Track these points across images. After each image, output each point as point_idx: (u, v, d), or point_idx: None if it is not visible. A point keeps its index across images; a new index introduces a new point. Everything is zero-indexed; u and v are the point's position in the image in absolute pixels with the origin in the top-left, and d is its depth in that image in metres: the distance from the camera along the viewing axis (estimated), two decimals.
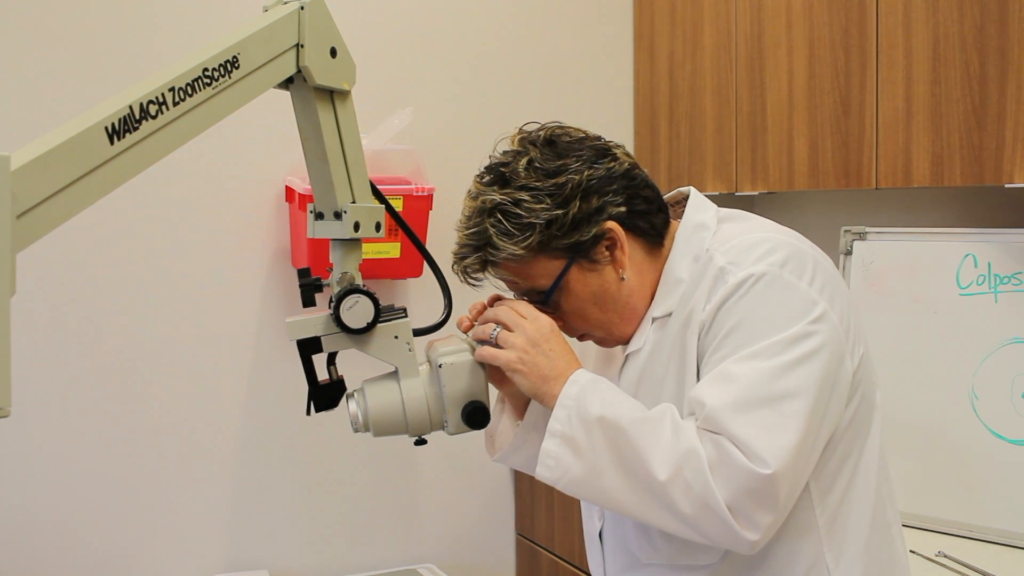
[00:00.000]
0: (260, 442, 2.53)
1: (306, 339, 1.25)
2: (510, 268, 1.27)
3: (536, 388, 1.23)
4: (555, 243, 1.24)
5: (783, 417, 1.12)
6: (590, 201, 1.24)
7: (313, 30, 1.18)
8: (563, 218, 1.23)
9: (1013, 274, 2.01)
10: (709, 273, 1.23)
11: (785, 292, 1.18)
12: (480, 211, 1.26)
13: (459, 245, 1.29)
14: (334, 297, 1.25)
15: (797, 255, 1.21)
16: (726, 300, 1.19)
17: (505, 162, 1.28)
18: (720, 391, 1.13)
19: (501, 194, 1.24)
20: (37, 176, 0.86)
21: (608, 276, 1.27)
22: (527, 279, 1.27)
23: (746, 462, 1.10)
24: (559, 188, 1.24)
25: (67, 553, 2.35)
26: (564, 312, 1.29)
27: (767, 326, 1.16)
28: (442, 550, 2.74)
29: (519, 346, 1.23)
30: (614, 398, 1.20)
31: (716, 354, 1.18)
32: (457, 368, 1.27)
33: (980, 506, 2.02)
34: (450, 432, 1.29)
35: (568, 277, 1.26)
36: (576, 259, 1.25)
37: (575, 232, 1.24)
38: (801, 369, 1.14)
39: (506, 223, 1.23)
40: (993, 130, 1.90)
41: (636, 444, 1.15)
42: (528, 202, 1.23)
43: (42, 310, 2.31)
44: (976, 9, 1.91)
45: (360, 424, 1.28)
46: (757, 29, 2.43)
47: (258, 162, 2.48)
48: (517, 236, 1.23)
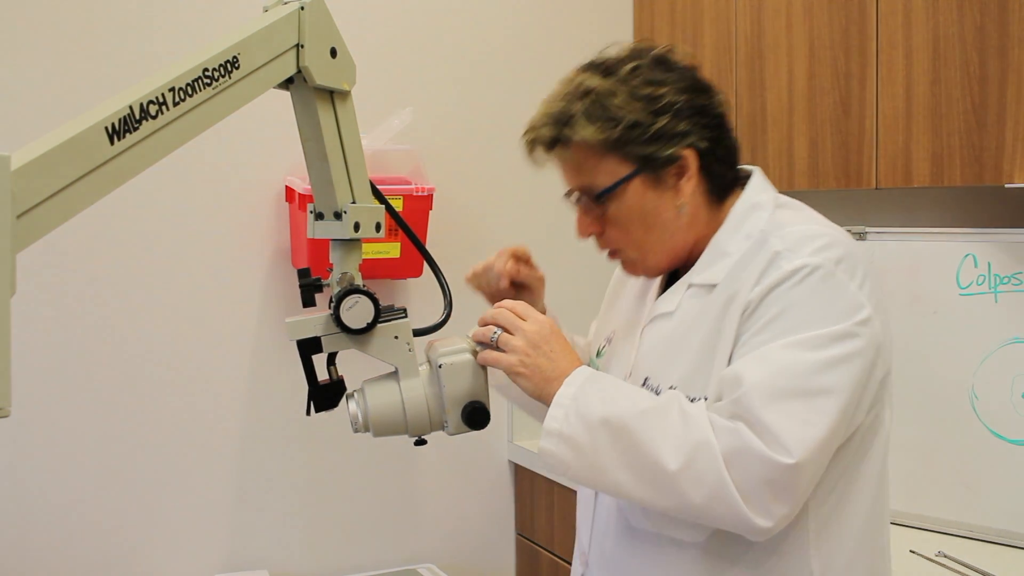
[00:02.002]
0: (260, 442, 2.53)
1: (306, 339, 1.25)
2: (578, 156, 1.28)
3: (539, 390, 1.23)
4: (631, 147, 1.25)
5: (815, 412, 1.13)
6: (679, 122, 1.25)
7: (313, 30, 1.18)
8: (648, 126, 1.24)
9: (1013, 274, 2.01)
10: (762, 255, 1.23)
11: (836, 289, 1.18)
12: (574, 90, 1.28)
13: (540, 115, 1.30)
14: (334, 297, 1.25)
15: (851, 256, 1.22)
16: (778, 285, 1.19)
17: (611, 59, 1.30)
18: (760, 372, 1.13)
19: (604, 82, 1.26)
20: (37, 176, 0.86)
21: (666, 201, 1.28)
22: (588, 174, 1.28)
23: (767, 452, 1.10)
24: (655, 99, 1.25)
25: (67, 553, 2.35)
26: (608, 219, 1.29)
27: (814, 318, 1.16)
28: (442, 550, 2.74)
29: (520, 349, 1.23)
30: (614, 393, 1.20)
31: (758, 336, 1.18)
32: (457, 368, 1.27)
33: (980, 506, 2.02)
34: (450, 432, 1.29)
35: (629, 185, 1.27)
36: (644, 171, 1.26)
37: (654, 144, 1.25)
38: (841, 368, 1.15)
39: (595, 109, 1.25)
40: (993, 130, 1.90)
41: (643, 438, 1.15)
42: (622, 98, 1.25)
43: (42, 310, 2.31)
44: (976, 9, 1.91)
45: (360, 424, 1.28)
46: (757, 29, 2.43)
47: (258, 162, 2.48)
48: (600, 124, 1.24)
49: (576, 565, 1.46)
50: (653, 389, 1.27)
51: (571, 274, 2.84)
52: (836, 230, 1.28)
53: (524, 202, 2.79)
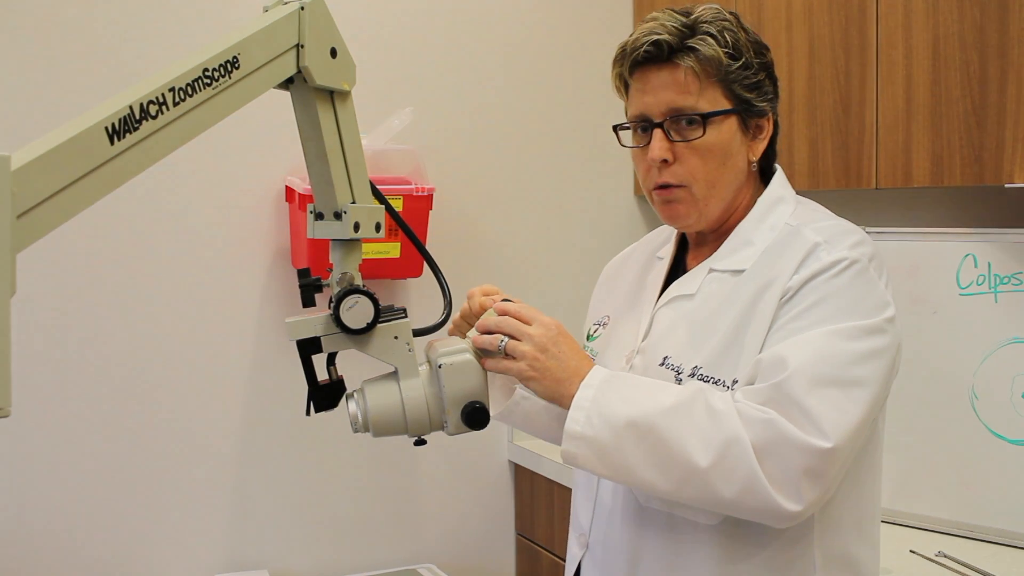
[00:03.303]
0: (260, 442, 2.53)
1: (306, 339, 1.25)
2: (689, 75, 1.29)
3: (551, 391, 1.23)
4: (736, 86, 1.31)
5: (851, 401, 1.15)
6: (769, 83, 1.36)
7: (313, 30, 1.18)
8: (755, 74, 1.33)
9: (1013, 274, 2.01)
10: (799, 244, 1.26)
11: (869, 285, 1.23)
12: (701, 13, 1.32)
13: (658, 26, 1.31)
14: (334, 297, 1.25)
15: (879, 255, 1.28)
16: (819, 275, 1.22)
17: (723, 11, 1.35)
18: (803, 356, 1.15)
19: (726, 17, 1.33)
20: (37, 176, 0.86)
21: (744, 149, 1.34)
22: (693, 96, 1.30)
23: (804, 438, 1.12)
24: (762, 52, 1.35)
25: (67, 553, 2.35)
26: (693, 147, 1.31)
27: (851, 309, 1.20)
28: (442, 550, 2.74)
29: (529, 355, 1.23)
30: (634, 392, 1.20)
31: (796, 322, 1.20)
32: (457, 368, 1.26)
33: (980, 506, 2.02)
34: (450, 432, 1.29)
35: (727, 119, 1.31)
36: (739, 112, 1.32)
37: (753, 91, 1.32)
38: (873, 361, 1.19)
39: (724, 36, 1.30)
40: (993, 130, 1.90)
41: (670, 435, 1.15)
42: (745, 37, 1.33)
43: (42, 310, 2.31)
44: (976, 9, 1.91)
45: (360, 424, 1.28)
46: (757, 29, 2.41)
47: (258, 162, 2.48)
48: (728, 49, 1.30)
49: (573, 547, 1.44)
50: (674, 368, 1.27)
51: (571, 274, 2.84)
52: (857, 228, 1.32)
53: (524, 202, 2.79)
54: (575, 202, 2.84)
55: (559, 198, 2.83)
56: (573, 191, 2.83)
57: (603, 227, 2.89)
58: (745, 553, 1.24)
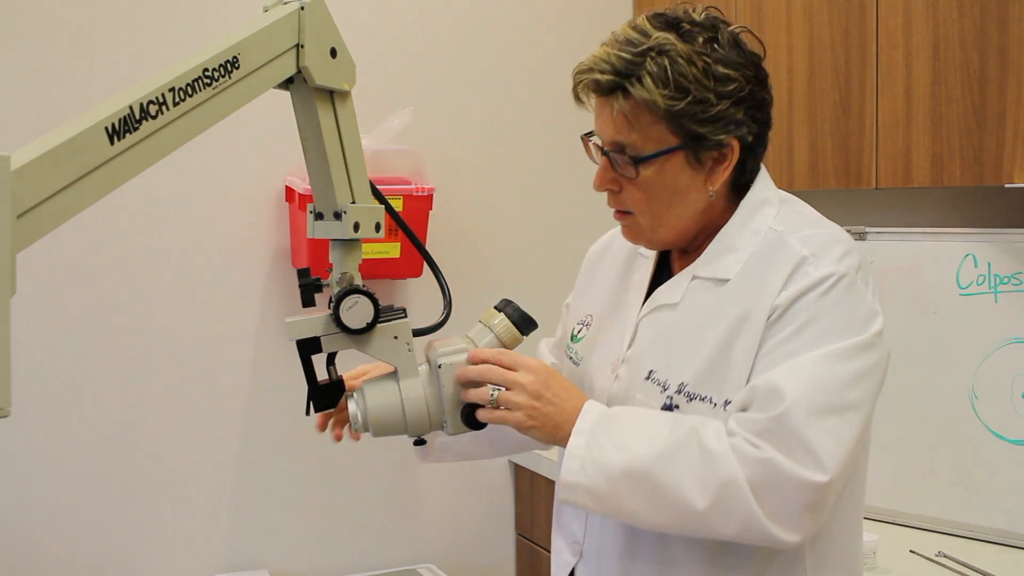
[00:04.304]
0: (260, 442, 2.53)
1: (306, 339, 1.25)
2: (631, 112, 1.22)
3: (551, 437, 1.23)
4: (686, 122, 1.21)
5: (846, 427, 1.14)
6: (737, 111, 1.23)
7: (313, 30, 1.18)
8: (710, 107, 1.21)
9: (1013, 274, 2.01)
10: (785, 257, 1.22)
11: (858, 299, 1.20)
12: (650, 45, 1.21)
13: (600, 59, 1.24)
14: (334, 297, 1.25)
15: (864, 263, 1.24)
16: (807, 292, 1.19)
17: (685, 19, 1.25)
18: (799, 386, 1.13)
19: (680, 44, 1.21)
20: (37, 176, 0.86)
21: (698, 182, 1.26)
22: (634, 134, 1.23)
23: (803, 474, 1.11)
24: (724, 80, 1.22)
25: (67, 553, 2.35)
26: (634, 183, 1.26)
27: (841, 328, 1.17)
28: (442, 550, 2.74)
29: (525, 405, 1.21)
30: (627, 434, 1.19)
31: (788, 344, 1.17)
32: (456, 368, 1.26)
33: (980, 506, 2.02)
34: (449, 432, 1.29)
35: (672, 157, 1.24)
36: (689, 147, 1.23)
37: (709, 125, 1.22)
38: (865, 381, 1.17)
39: (669, 72, 1.20)
40: (993, 130, 1.90)
41: (666, 481, 1.15)
42: (695, 70, 1.20)
43: (42, 310, 2.31)
44: (976, 9, 1.91)
45: (360, 424, 1.28)
46: (757, 29, 2.41)
47: (258, 162, 2.48)
48: (669, 91, 1.20)
49: (563, 553, 1.41)
50: (660, 384, 1.26)
51: (571, 274, 2.83)
52: (843, 231, 1.29)
53: (524, 202, 2.79)
54: (575, 202, 2.84)
55: (559, 198, 2.83)
56: (573, 191, 2.83)
57: (603, 228, 2.88)
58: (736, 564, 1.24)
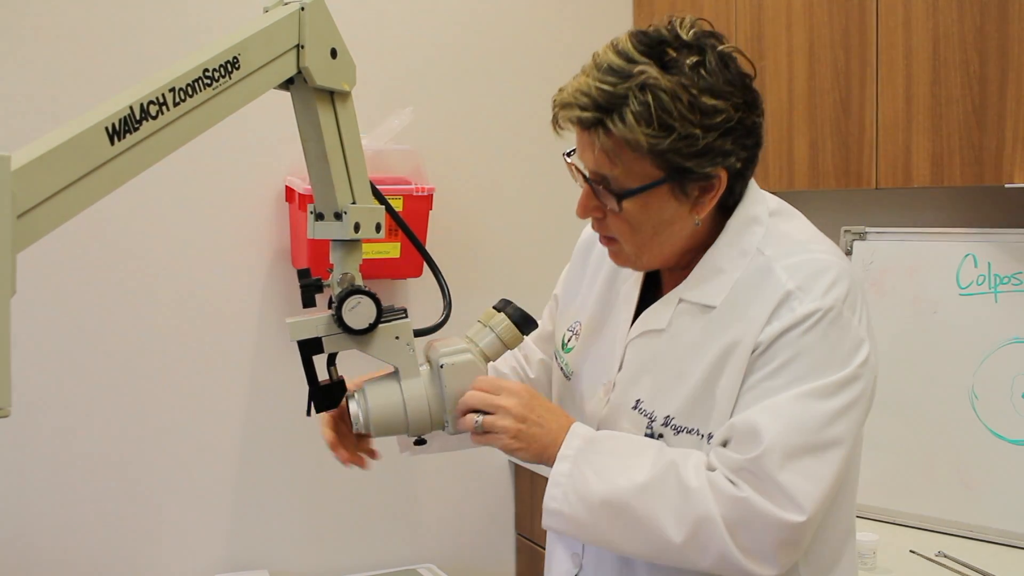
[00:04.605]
0: (260, 442, 2.53)
1: (307, 340, 1.25)
2: (612, 147, 1.17)
3: (537, 457, 1.25)
4: (671, 156, 1.16)
5: (825, 465, 1.14)
6: (725, 142, 1.17)
7: (313, 31, 1.18)
8: (696, 142, 1.15)
9: (1013, 274, 2.01)
10: (770, 290, 1.20)
11: (843, 331, 1.18)
12: (632, 79, 1.15)
13: (581, 92, 1.18)
14: (335, 298, 1.24)
15: (852, 286, 1.21)
16: (791, 329, 1.17)
17: (671, 42, 1.18)
18: (776, 428, 1.13)
19: (664, 79, 1.14)
20: (37, 176, 0.86)
21: (684, 212, 1.22)
22: (615, 167, 1.18)
23: (778, 514, 1.12)
24: (711, 113, 1.15)
25: (67, 553, 2.35)
26: (618, 214, 1.22)
27: (824, 364, 1.16)
28: (442, 550, 2.74)
29: (511, 429, 1.23)
30: (610, 464, 1.20)
31: (768, 381, 1.17)
32: (458, 368, 1.27)
33: (980, 506, 2.02)
34: (450, 432, 1.29)
35: (654, 191, 1.19)
36: (672, 180, 1.18)
37: (694, 159, 1.17)
38: (847, 416, 1.16)
39: (652, 110, 1.13)
40: (993, 130, 1.90)
41: (644, 514, 1.16)
42: (681, 106, 1.14)
43: (42, 310, 2.31)
44: (976, 9, 1.91)
45: (361, 424, 1.28)
46: (757, 29, 2.43)
47: (258, 162, 2.48)
48: (652, 129, 1.14)
49: (564, 562, 1.41)
50: (647, 415, 1.26)
51: None
52: (833, 251, 1.26)
53: (524, 202, 2.79)
54: (575, 202, 2.84)
55: (559, 198, 2.82)
56: (573, 191, 2.83)
57: None
58: None
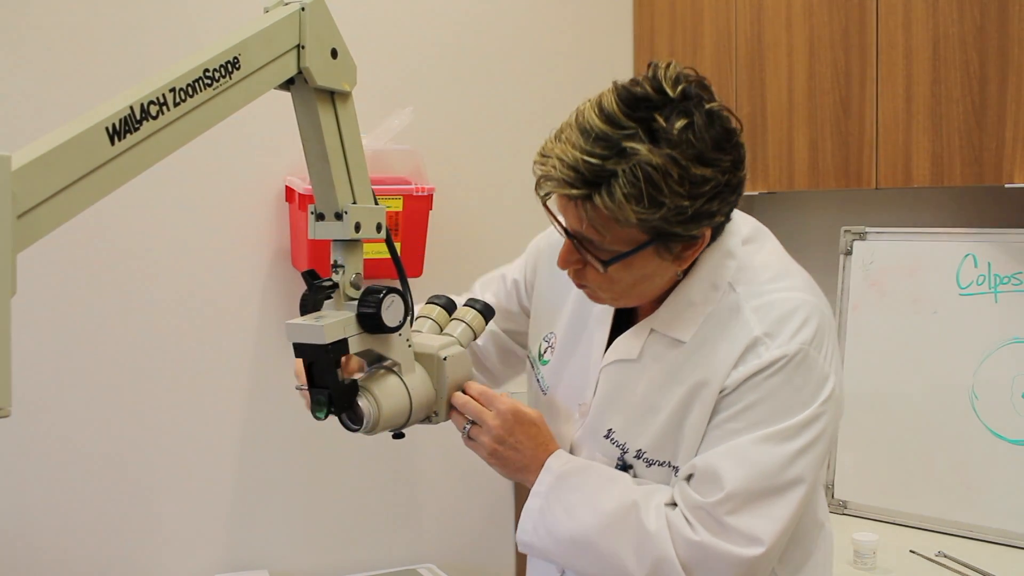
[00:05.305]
0: (260, 442, 2.53)
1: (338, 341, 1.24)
2: (598, 219, 1.14)
3: (513, 477, 1.34)
4: (658, 224, 1.13)
5: (784, 504, 1.18)
6: (712, 204, 1.15)
7: (314, 31, 1.18)
8: (686, 211, 1.13)
9: (1013, 274, 2.01)
10: (739, 333, 1.21)
11: (808, 373, 1.20)
12: (621, 157, 1.10)
13: (567, 166, 1.12)
14: (361, 297, 1.24)
15: (822, 323, 1.22)
16: (757, 374, 1.19)
17: (657, 104, 1.12)
18: (737, 475, 1.17)
19: (654, 155, 1.09)
20: (38, 176, 0.86)
21: (666, 266, 1.22)
22: (600, 233, 1.16)
23: (735, 551, 1.16)
24: (701, 182, 1.12)
25: (67, 553, 2.35)
26: (602, 269, 1.20)
27: (787, 408, 1.19)
28: (442, 550, 2.74)
29: (488, 446, 1.31)
30: (576, 505, 1.26)
31: (731, 423, 1.20)
32: (456, 360, 1.33)
33: (980, 506, 2.02)
34: (439, 421, 1.36)
35: (638, 252, 1.17)
36: (657, 242, 1.17)
37: (681, 226, 1.15)
38: (808, 455, 1.19)
39: (642, 187, 1.09)
40: (993, 130, 1.90)
41: (607, 551, 1.22)
42: (674, 182, 1.10)
43: (42, 310, 2.31)
44: (976, 9, 1.91)
45: (370, 423, 1.27)
46: (757, 29, 2.43)
47: (258, 162, 2.48)
48: (642, 207, 1.11)
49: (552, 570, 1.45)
50: (619, 447, 1.30)
51: None
52: (803, 286, 1.26)
53: (524, 202, 2.78)
54: None
55: None
56: None
57: None
58: None
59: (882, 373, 2.20)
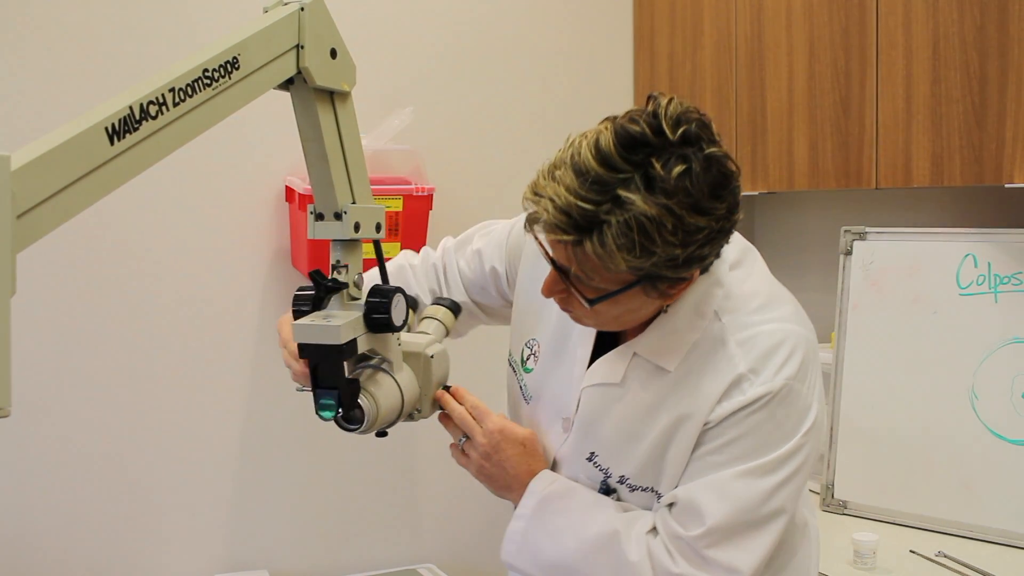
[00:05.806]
0: (260, 442, 2.53)
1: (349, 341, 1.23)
2: (588, 263, 1.12)
3: (500, 494, 1.38)
4: (648, 268, 1.11)
5: (764, 535, 1.20)
6: (704, 250, 1.12)
7: (313, 31, 1.18)
8: (677, 258, 1.10)
9: (1013, 274, 2.01)
10: (724, 367, 1.21)
11: (792, 407, 1.20)
12: (616, 207, 1.07)
13: (560, 210, 1.08)
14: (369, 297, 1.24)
15: (808, 354, 1.22)
16: (739, 410, 1.19)
17: (655, 148, 1.08)
18: (720, 510, 1.18)
19: (649, 205, 1.06)
20: (37, 176, 0.86)
21: (652, 302, 1.20)
22: (588, 272, 1.13)
23: None
24: (695, 231, 1.09)
25: (67, 553, 2.35)
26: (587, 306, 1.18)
27: (770, 442, 1.20)
28: (442, 550, 2.74)
29: (475, 461, 1.35)
30: (559, 531, 1.28)
31: (714, 456, 1.21)
32: (441, 357, 1.37)
33: (980, 506, 2.02)
34: (423, 417, 1.37)
35: (627, 291, 1.15)
36: (645, 283, 1.14)
37: (671, 270, 1.12)
38: (789, 486, 1.21)
39: (634, 238, 1.07)
40: (993, 130, 1.90)
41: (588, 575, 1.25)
42: (667, 232, 1.07)
43: (42, 310, 2.31)
44: (976, 9, 1.91)
45: (368, 423, 1.27)
46: (757, 29, 2.43)
47: (258, 162, 2.48)
48: (632, 255, 1.08)
49: None
50: (603, 471, 1.31)
51: None
52: (790, 315, 1.25)
53: None
54: None
55: None
56: None
57: None
58: None
59: (882, 373, 2.20)
